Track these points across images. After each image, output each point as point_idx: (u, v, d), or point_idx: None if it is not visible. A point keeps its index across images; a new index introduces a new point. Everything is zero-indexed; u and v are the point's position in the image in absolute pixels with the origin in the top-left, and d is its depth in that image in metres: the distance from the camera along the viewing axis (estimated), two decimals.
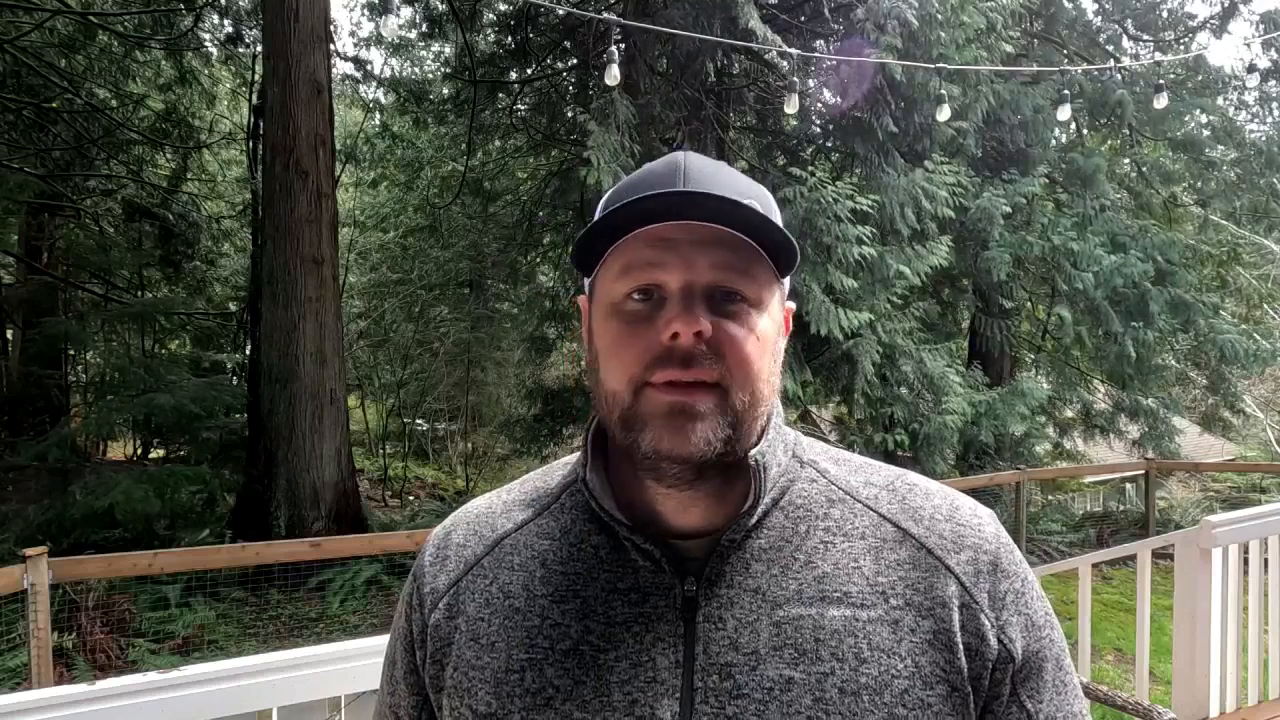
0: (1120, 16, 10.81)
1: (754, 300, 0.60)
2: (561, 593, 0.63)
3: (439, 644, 0.65)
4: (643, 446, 0.58)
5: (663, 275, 0.58)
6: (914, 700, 0.56)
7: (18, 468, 8.35)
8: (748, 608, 0.60)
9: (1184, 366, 10.78)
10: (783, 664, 0.57)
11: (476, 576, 0.66)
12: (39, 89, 8.72)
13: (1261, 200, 10.13)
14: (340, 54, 11.50)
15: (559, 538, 0.66)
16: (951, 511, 0.65)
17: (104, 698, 1.26)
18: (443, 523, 0.74)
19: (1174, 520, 8.82)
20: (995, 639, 0.60)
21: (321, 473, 6.81)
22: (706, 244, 0.58)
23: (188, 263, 10.86)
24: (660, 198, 0.57)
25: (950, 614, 0.59)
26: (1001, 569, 0.62)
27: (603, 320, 0.62)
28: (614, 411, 0.60)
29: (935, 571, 0.61)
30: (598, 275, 0.63)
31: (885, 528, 0.63)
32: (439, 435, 14.80)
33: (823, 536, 0.63)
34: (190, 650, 4.95)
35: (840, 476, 0.67)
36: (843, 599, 0.59)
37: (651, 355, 0.58)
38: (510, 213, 11.71)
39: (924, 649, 0.58)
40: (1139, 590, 2.91)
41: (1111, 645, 5.56)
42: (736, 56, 8.22)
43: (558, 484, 0.71)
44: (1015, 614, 0.61)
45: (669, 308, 0.58)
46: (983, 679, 0.59)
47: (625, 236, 0.59)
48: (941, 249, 6.83)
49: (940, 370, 7.13)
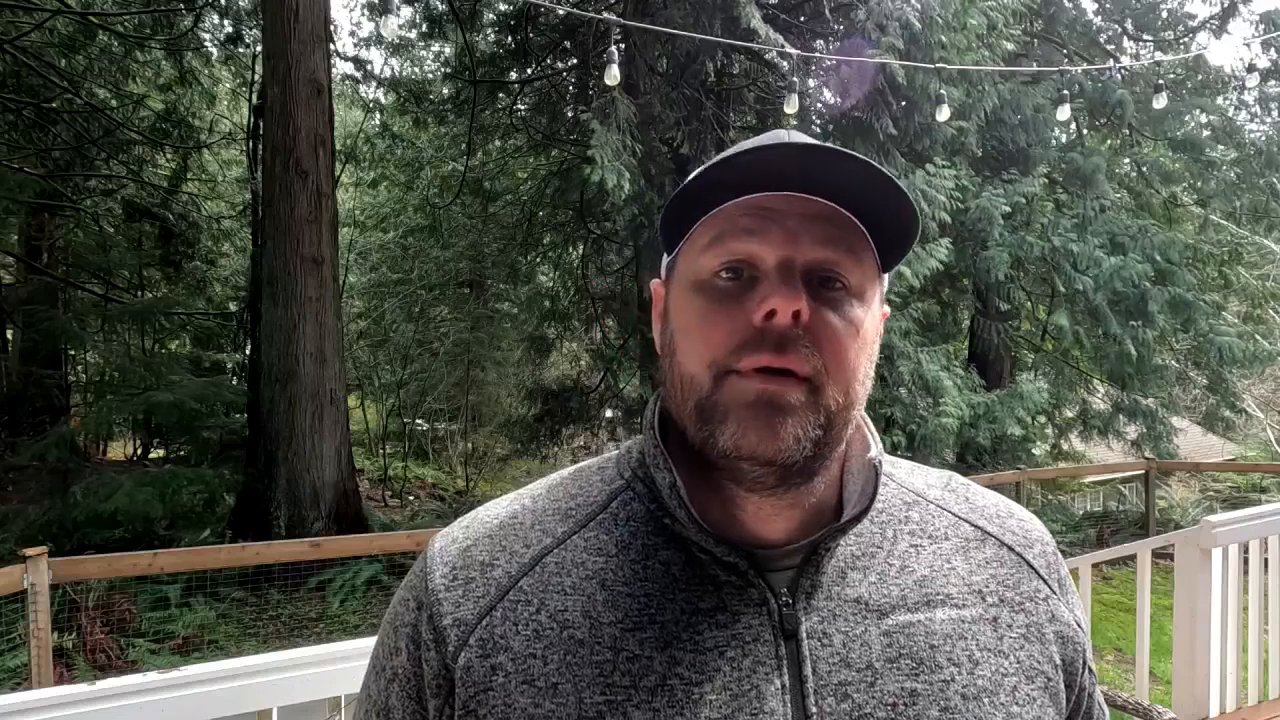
0: (1120, 16, 10.81)
1: (856, 289, 0.54)
2: (634, 619, 0.53)
3: (473, 690, 0.52)
4: (721, 442, 0.52)
5: (759, 248, 0.52)
6: (1024, 697, 0.55)
7: (18, 468, 8.35)
8: (852, 619, 0.55)
9: (1184, 366, 10.78)
10: (902, 676, 0.53)
11: (516, 603, 0.54)
12: (39, 89, 8.72)
13: (1261, 200, 10.12)
14: (340, 54, 11.50)
15: (616, 554, 0.56)
16: (1009, 509, 0.66)
17: (104, 698, 1.26)
18: (447, 533, 0.61)
19: (1174, 520, 8.82)
20: (1074, 622, 0.61)
21: (321, 473, 6.82)
22: (811, 217, 0.52)
23: (188, 263, 10.86)
24: (768, 151, 0.50)
25: (1038, 607, 0.59)
26: (1060, 557, 0.65)
27: (684, 297, 0.56)
28: (689, 400, 0.53)
29: (1020, 567, 0.61)
30: (681, 251, 0.57)
31: (964, 528, 0.62)
32: (439, 435, 14.79)
33: (910, 540, 0.60)
34: (190, 650, 4.95)
35: (903, 479, 0.65)
36: (945, 601, 0.57)
37: (740, 338, 0.51)
38: (510, 213, 11.73)
39: (1021, 644, 0.57)
40: (1139, 590, 2.91)
41: (1111, 645, 5.57)
42: (736, 56, 8.22)
43: (600, 491, 0.61)
44: (1072, 594, 0.64)
45: (764, 285, 0.52)
46: (1076, 661, 0.60)
47: (719, 207, 0.53)
48: (941, 251, 6.83)
49: (937, 372, 7.13)
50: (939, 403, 7.11)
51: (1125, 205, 9.98)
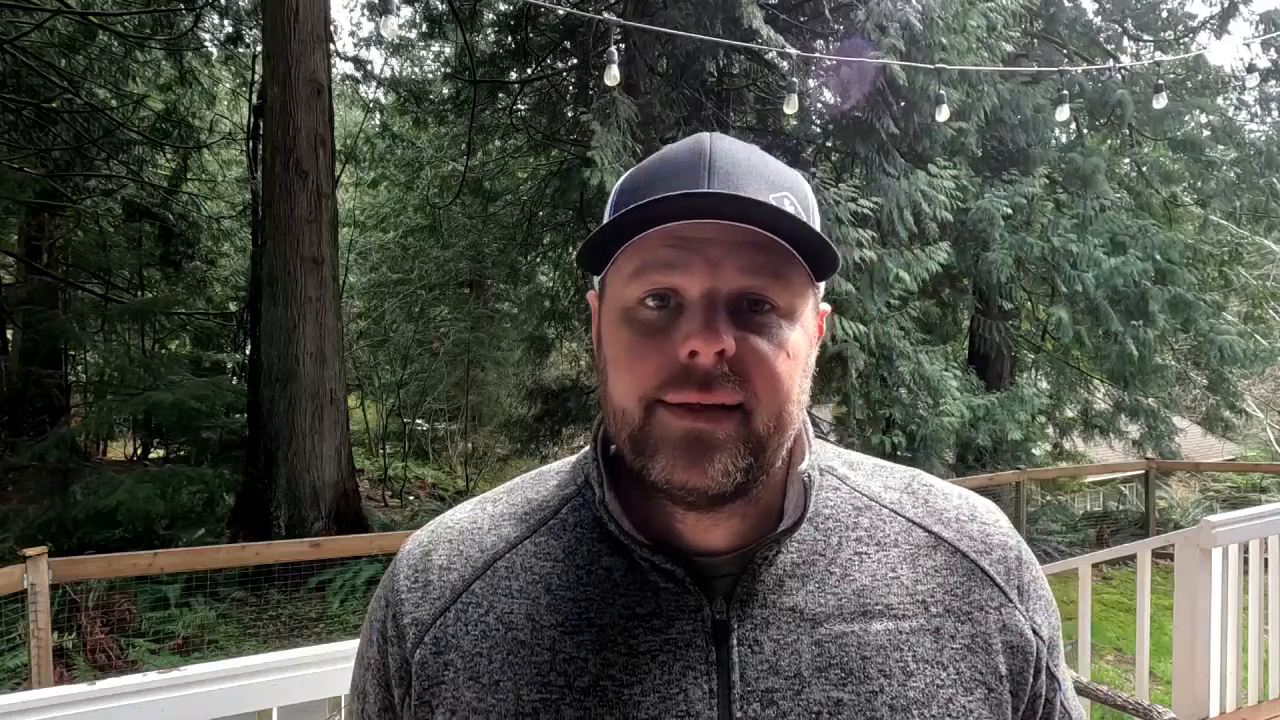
0: (1120, 16, 10.81)
1: (785, 310, 0.54)
2: (573, 622, 0.56)
3: (426, 684, 0.57)
4: (653, 474, 0.53)
5: (681, 280, 0.52)
6: (958, 709, 0.55)
7: (18, 468, 8.35)
8: (785, 628, 0.55)
9: (1184, 366, 10.78)
10: (829, 685, 0.54)
11: (467, 605, 0.58)
12: (39, 89, 8.73)
13: (1261, 200, 10.12)
14: (340, 54, 11.50)
15: (563, 559, 0.59)
16: (972, 511, 0.64)
17: (104, 698, 1.26)
18: (414, 537, 0.65)
19: (1174, 520, 8.82)
20: (1030, 630, 0.60)
21: (321, 473, 6.81)
22: (734, 245, 0.52)
23: (188, 263, 10.87)
24: (682, 200, 0.50)
25: (987, 616, 0.59)
26: (1024, 561, 0.63)
27: (613, 326, 0.56)
28: (623, 430, 0.55)
29: (971, 575, 0.60)
30: (609, 273, 0.57)
31: (916, 533, 0.61)
32: (439, 435, 14.80)
33: (856, 547, 0.59)
34: (190, 650, 4.96)
35: (860, 482, 0.64)
36: (884, 612, 0.57)
37: (666, 373, 0.52)
38: (510, 213, 11.72)
39: (964, 654, 0.57)
40: (1139, 590, 2.91)
41: (1111, 645, 5.57)
42: (736, 56, 8.23)
43: (554, 496, 0.63)
44: (1037, 600, 0.62)
45: (687, 319, 0.52)
46: (1025, 671, 0.59)
47: (640, 234, 0.52)
48: (940, 253, 6.83)
49: (938, 373, 7.13)
50: (939, 403, 7.11)
51: (1125, 205, 9.97)
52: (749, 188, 0.52)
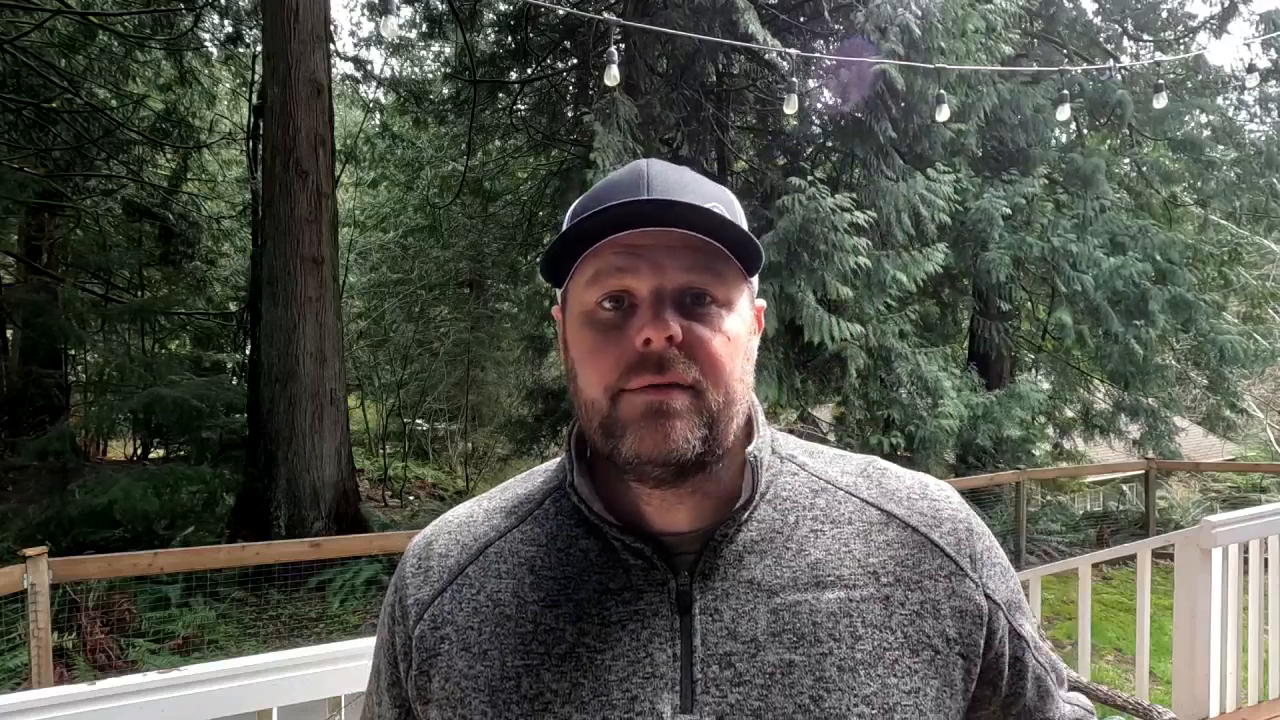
0: (1120, 16, 10.81)
1: (723, 301, 0.62)
2: (553, 597, 0.63)
3: (425, 655, 0.65)
4: (624, 452, 0.59)
5: (632, 281, 0.60)
6: (903, 669, 0.60)
7: (17, 467, 8.35)
8: (744, 598, 0.61)
9: (1184, 366, 10.78)
10: (782, 648, 0.59)
11: (462, 586, 0.66)
12: (39, 89, 8.73)
13: (1261, 200, 10.11)
14: (340, 54, 11.50)
15: (546, 543, 0.66)
16: (923, 490, 0.69)
17: (104, 698, 1.26)
18: (422, 532, 0.74)
19: (1174, 520, 8.81)
20: (982, 596, 0.65)
21: (321, 473, 6.82)
22: (674, 249, 0.60)
23: (188, 263, 10.87)
24: (627, 206, 0.58)
25: (936, 584, 0.64)
26: (975, 532, 0.68)
27: (576, 330, 0.63)
28: (593, 420, 0.61)
29: (922, 547, 0.65)
30: (569, 285, 0.64)
31: (869, 511, 0.66)
32: (439, 435, 14.80)
33: (811, 525, 0.65)
34: (190, 650, 4.96)
35: (818, 468, 0.70)
36: (836, 582, 0.62)
37: (626, 363, 0.59)
38: (510, 213, 11.73)
39: (911, 619, 0.62)
40: (1139, 590, 2.91)
41: (1111, 645, 5.56)
42: (736, 57, 8.23)
43: (540, 490, 0.71)
44: (991, 567, 0.67)
45: (640, 314, 0.59)
46: (976, 634, 0.64)
47: (593, 246, 0.60)
48: (938, 255, 6.82)
49: (936, 373, 7.13)
50: (938, 404, 7.11)
51: (1125, 205, 9.97)
52: (683, 199, 0.59)
